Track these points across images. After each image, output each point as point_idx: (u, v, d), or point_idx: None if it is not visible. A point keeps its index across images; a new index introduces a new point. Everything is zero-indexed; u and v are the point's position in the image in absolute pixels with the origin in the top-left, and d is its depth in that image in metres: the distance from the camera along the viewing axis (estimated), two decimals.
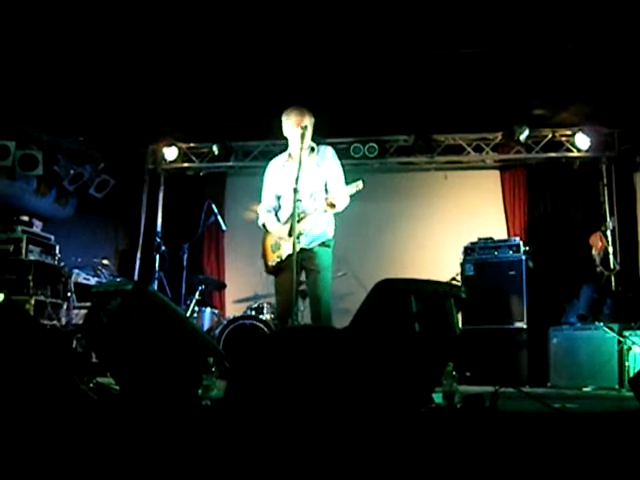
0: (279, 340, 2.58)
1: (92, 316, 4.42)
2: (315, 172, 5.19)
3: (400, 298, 3.46)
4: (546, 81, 7.66)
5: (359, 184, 4.94)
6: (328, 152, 5.30)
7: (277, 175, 5.35)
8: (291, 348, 2.42)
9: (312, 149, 5.26)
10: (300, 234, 5.00)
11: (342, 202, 5.01)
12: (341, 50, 7.08)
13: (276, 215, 5.34)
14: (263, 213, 5.40)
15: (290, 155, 5.26)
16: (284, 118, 5.18)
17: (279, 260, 5.11)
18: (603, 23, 6.42)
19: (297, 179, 4.82)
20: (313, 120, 5.20)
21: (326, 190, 5.21)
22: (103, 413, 3.40)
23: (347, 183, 5.13)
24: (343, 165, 5.39)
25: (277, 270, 5.18)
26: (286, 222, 5.10)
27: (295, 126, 5.09)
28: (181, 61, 7.26)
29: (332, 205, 4.95)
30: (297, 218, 4.95)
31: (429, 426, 2.87)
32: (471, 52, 7.04)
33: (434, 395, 3.60)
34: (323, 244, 5.13)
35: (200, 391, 3.92)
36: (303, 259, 5.04)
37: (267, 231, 5.32)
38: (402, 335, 3.32)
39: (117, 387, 4.18)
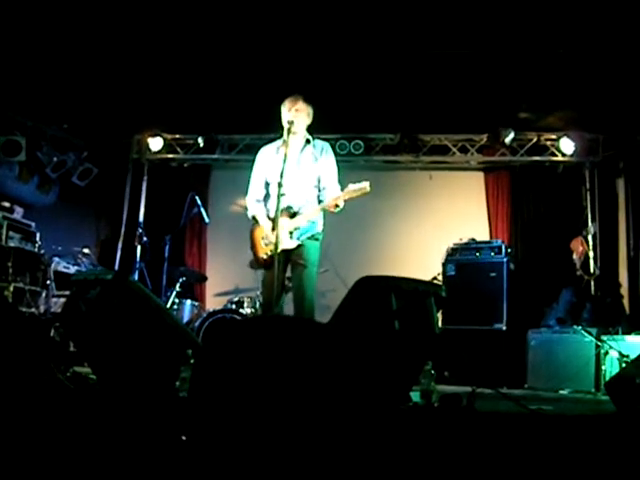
0: (254, 327, 2.56)
1: (71, 304, 4.39)
2: (310, 166, 5.17)
3: (380, 295, 3.46)
4: (533, 85, 7.70)
5: (365, 187, 4.85)
6: (326, 148, 5.28)
7: (269, 161, 5.28)
8: (267, 336, 2.41)
9: (307, 141, 5.23)
10: (295, 229, 4.99)
11: (342, 202, 4.96)
12: (330, 46, 7.08)
13: (265, 206, 5.28)
14: (252, 204, 5.31)
15: (285, 142, 5.16)
16: (282, 105, 5.16)
17: (271, 254, 4.96)
18: (592, 30, 6.46)
19: (282, 173, 4.80)
20: (310, 110, 5.18)
21: (319, 186, 5.20)
22: (79, 402, 3.38)
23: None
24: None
25: (267, 264, 5.09)
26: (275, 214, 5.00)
27: (288, 112, 5.07)
28: (170, 52, 7.22)
29: (336, 206, 4.92)
30: (290, 213, 4.97)
31: (406, 424, 2.87)
32: (460, 53, 7.06)
33: (412, 394, 3.61)
34: (312, 237, 5.09)
35: (177, 383, 3.91)
36: (291, 253, 5.01)
37: (257, 223, 5.25)
38: (381, 332, 3.32)
39: (94, 377, 4.16)
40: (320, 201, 5.15)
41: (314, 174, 5.18)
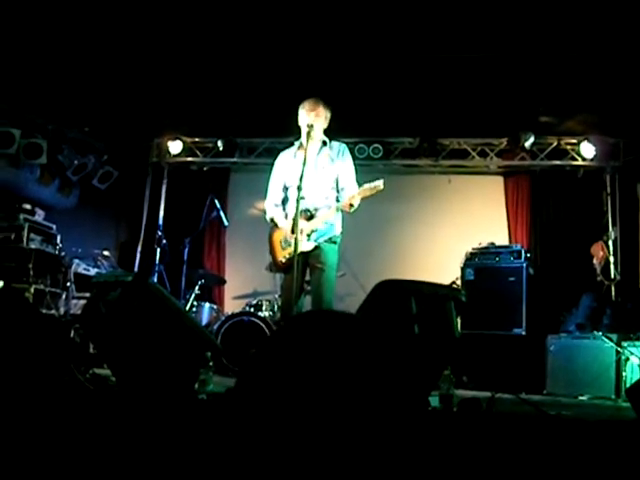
0: (296, 325, 2.56)
1: (91, 306, 4.42)
2: (328, 168, 5.17)
3: (400, 299, 3.45)
4: (553, 89, 7.66)
5: (379, 185, 4.84)
6: (343, 149, 5.28)
7: (287, 165, 5.30)
8: (309, 332, 2.41)
9: (324, 143, 5.24)
10: (313, 231, 4.99)
11: (357, 201, 4.95)
12: (349, 50, 7.09)
13: (283, 209, 5.29)
14: (271, 207, 5.33)
15: (302, 145, 5.18)
16: (300, 108, 5.17)
17: (290, 257, 4.94)
18: (613, 33, 6.42)
19: (301, 177, 4.81)
20: (328, 114, 5.19)
21: (337, 187, 5.20)
22: (99, 404, 3.40)
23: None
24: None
25: (286, 267, 5.09)
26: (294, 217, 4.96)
27: (307, 115, 5.08)
28: (190, 56, 7.26)
29: (351, 205, 4.91)
30: (308, 215, 4.98)
31: (425, 429, 2.86)
32: (480, 57, 7.03)
33: (430, 398, 3.60)
34: (330, 240, 5.08)
35: (197, 385, 3.93)
36: (309, 256, 5.02)
37: (276, 226, 5.26)
38: (401, 336, 3.32)
39: (114, 378, 4.18)
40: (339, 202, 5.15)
41: (332, 176, 5.18)
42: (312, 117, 5.07)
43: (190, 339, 3.90)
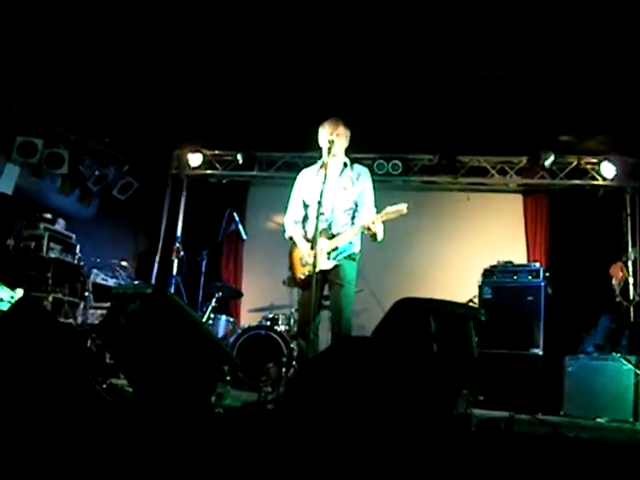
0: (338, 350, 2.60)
1: (110, 317, 4.44)
2: (348, 189, 5.17)
3: (419, 317, 3.45)
4: (574, 108, 7.64)
5: (402, 209, 4.80)
6: (364, 172, 5.28)
7: (309, 183, 5.31)
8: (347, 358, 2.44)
9: (345, 165, 5.25)
10: (333, 250, 5.00)
11: (380, 229, 4.91)
12: (370, 66, 7.11)
13: (303, 228, 5.30)
14: (290, 225, 5.34)
15: (324, 164, 5.20)
16: (320, 127, 5.20)
17: (309, 274, 4.92)
18: (634, 55, 6.40)
19: (322, 193, 4.82)
20: (349, 133, 5.22)
21: (355, 209, 5.20)
22: (116, 414, 3.41)
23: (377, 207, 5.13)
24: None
25: (305, 284, 5.09)
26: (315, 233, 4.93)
27: (329, 134, 5.10)
28: (213, 70, 7.31)
29: (369, 229, 4.86)
30: (329, 234, 4.99)
31: (442, 448, 2.85)
32: (501, 75, 7.03)
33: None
34: (349, 257, 5.09)
35: (213, 399, 3.93)
36: (329, 273, 5.02)
37: (295, 244, 5.28)
38: (420, 354, 3.30)
39: (131, 389, 4.19)
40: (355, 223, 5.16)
41: (352, 197, 5.18)
42: (333, 136, 5.10)
43: (208, 352, 3.91)
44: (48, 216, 8.21)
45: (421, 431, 2.25)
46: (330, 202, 5.04)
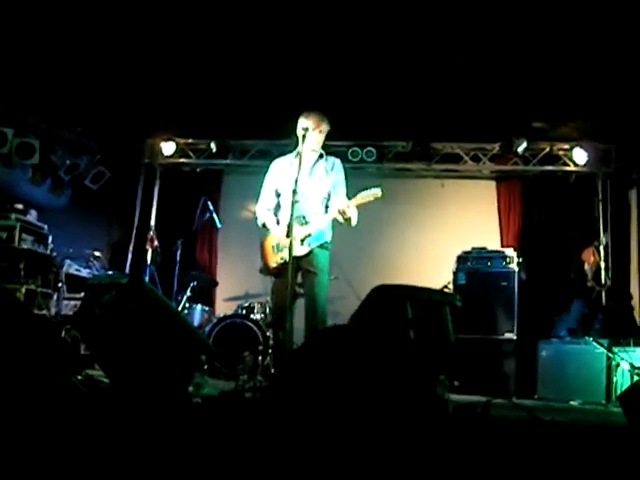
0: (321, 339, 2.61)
1: (85, 308, 4.41)
2: (323, 179, 5.22)
3: (396, 304, 3.46)
4: (547, 95, 7.69)
5: (377, 192, 4.89)
6: (337, 163, 5.33)
7: (282, 172, 5.32)
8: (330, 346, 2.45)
9: (321, 155, 5.28)
10: (307, 236, 5.00)
11: (354, 213, 4.98)
12: (343, 53, 7.09)
13: (275, 216, 5.32)
14: (262, 212, 5.35)
15: (299, 154, 5.18)
16: (303, 116, 5.17)
17: (282, 262, 5.02)
18: (606, 40, 6.45)
19: (296, 181, 4.82)
20: (329, 129, 5.26)
21: (329, 198, 5.24)
22: (93, 406, 3.39)
23: (349, 194, 5.15)
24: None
25: (278, 272, 5.13)
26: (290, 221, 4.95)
27: (312, 128, 5.10)
28: (184, 57, 7.25)
29: (344, 212, 4.92)
30: (302, 221, 4.99)
31: (421, 434, 2.87)
32: (474, 62, 7.06)
33: None
34: (322, 246, 5.11)
35: (191, 388, 3.92)
36: (302, 260, 5.03)
37: (268, 231, 5.28)
38: (397, 341, 3.32)
39: (107, 380, 4.17)
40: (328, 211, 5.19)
41: (324, 187, 5.23)
42: (316, 131, 5.14)
43: (184, 341, 3.89)
44: (20, 207, 8.09)
45: (401, 417, 2.26)
46: (304, 191, 5.01)
